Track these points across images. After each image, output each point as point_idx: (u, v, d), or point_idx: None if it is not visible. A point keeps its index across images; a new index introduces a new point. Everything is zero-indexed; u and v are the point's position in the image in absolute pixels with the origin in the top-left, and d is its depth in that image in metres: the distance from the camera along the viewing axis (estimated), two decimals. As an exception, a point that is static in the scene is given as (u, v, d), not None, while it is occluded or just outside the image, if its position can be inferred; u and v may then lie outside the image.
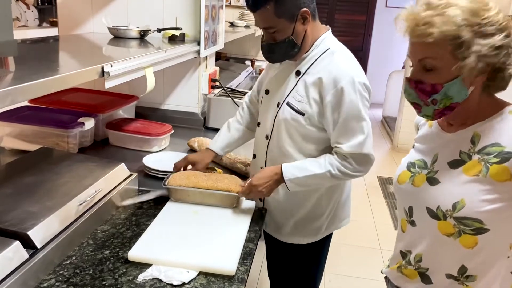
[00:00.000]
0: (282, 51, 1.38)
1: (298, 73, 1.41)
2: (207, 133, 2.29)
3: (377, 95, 5.33)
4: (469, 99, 0.93)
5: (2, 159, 1.72)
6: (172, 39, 2.09)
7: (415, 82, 0.94)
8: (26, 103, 1.94)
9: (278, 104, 1.45)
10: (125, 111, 2.16)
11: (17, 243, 1.00)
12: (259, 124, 1.57)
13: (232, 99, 2.25)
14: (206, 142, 1.87)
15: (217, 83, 2.38)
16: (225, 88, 2.37)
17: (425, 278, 1.05)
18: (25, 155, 1.55)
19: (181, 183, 1.45)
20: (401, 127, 5.07)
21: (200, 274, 1.13)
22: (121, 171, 1.48)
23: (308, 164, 1.38)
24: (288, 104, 1.41)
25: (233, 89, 2.61)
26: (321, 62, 1.38)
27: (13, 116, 1.79)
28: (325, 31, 1.42)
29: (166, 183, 1.46)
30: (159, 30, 2.08)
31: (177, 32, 2.09)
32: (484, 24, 0.86)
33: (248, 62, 4.19)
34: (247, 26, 3.81)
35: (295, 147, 1.44)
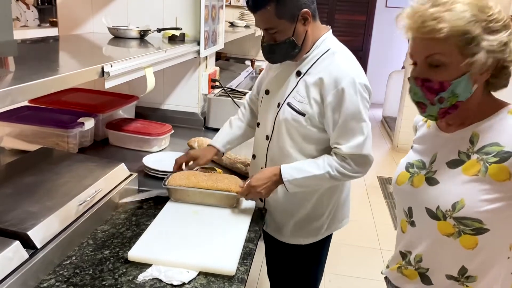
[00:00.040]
0: (283, 51, 1.38)
1: (299, 73, 1.41)
2: (207, 133, 2.29)
3: (377, 95, 5.31)
4: (470, 98, 0.94)
5: (2, 159, 1.71)
6: (172, 39, 2.09)
7: (422, 80, 0.93)
8: (26, 103, 1.94)
9: (278, 105, 1.45)
10: (125, 111, 2.16)
11: (17, 243, 1.00)
12: (258, 124, 1.56)
13: (232, 99, 2.25)
14: (206, 142, 1.87)
15: (217, 83, 2.38)
16: (225, 88, 2.37)
17: (425, 278, 1.05)
18: (25, 155, 1.55)
19: (181, 183, 1.45)
20: (401, 127, 5.07)
21: (200, 274, 1.13)
22: (121, 171, 1.48)
23: (307, 165, 1.38)
24: (288, 104, 1.41)
25: (233, 89, 2.61)
26: (322, 62, 1.38)
27: (13, 116, 1.79)
28: (325, 32, 1.42)
29: (166, 183, 1.46)
30: (159, 30, 2.08)
31: (177, 32, 2.09)
32: (490, 20, 0.88)
33: (248, 62, 4.19)
34: (247, 26, 3.81)
35: (295, 147, 1.44)
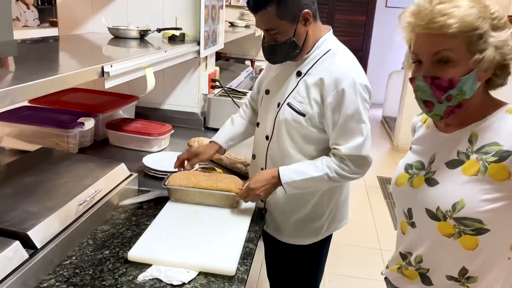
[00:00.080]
0: (284, 52, 1.38)
1: (299, 73, 1.41)
2: (207, 133, 2.29)
3: (377, 95, 5.30)
4: (473, 97, 0.94)
5: (2, 159, 1.71)
6: (172, 39, 2.09)
7: (431, 78, 0.93)
8: (26, 103, 1.94)
9: (278, 105, 1.44)
10: (125, 111, 2.16)
11: (17, 243, 1.00)
12: (258, 124, 1.56)
13: (232, 99, 2.25)
14: (206, 142, 1.87)
15: (217, 83, 2.38)
16: (225, 88, 2.37)
17: (425, 279, 1.05)
18: (25, 155, 1.55)
19: (181, 183, 1.45)
20: (401, 127, 5.07)
21: (200, 274, 1.13)
22: (121, 171, 1.48)
23: (306, 167, 1.38)
24: (288, 104, 1.40)
25: (233, 89, 2.60)
26: (322, 63, 1.38)
27: (13, 116, 1.79)
28: (326, 32, 1.42)
29: (166, 183, 1.46)
30: (159, 30, 2.08)
31: (177, 32, 2.09)
32: (494, 18, 0.89)
33: (248, 62, 4.19)
34: (247, 26, 3.81)
35: (296, 148, 1.44)
